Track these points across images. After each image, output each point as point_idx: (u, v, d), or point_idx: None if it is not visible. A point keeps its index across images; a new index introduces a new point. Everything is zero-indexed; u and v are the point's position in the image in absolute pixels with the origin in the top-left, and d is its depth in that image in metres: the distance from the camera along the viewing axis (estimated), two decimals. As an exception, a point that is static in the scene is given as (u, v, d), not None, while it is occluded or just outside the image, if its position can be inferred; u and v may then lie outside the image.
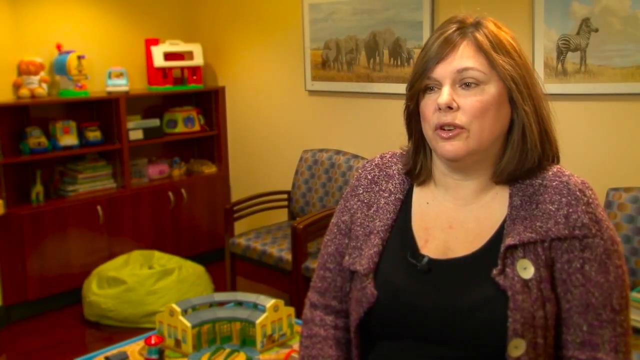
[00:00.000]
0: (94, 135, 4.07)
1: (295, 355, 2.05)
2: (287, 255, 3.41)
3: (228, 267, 3.83)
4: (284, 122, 4.38)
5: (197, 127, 4.59)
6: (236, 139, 4.74)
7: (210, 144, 4.78)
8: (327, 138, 4.08)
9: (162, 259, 3.89)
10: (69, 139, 3.95)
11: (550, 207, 1.12)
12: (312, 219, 3.34)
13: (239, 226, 4.00)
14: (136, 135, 4.24)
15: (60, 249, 3.86)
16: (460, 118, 1.12)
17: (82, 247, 3.95)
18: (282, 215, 4.16)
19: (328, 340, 1.28)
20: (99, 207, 3.98)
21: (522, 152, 1.15)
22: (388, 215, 1.23)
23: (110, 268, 3.72)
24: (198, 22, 4.82)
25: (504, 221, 1.15)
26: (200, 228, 4.55)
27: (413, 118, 1.22)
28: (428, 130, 1.16)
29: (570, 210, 1.11)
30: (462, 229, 1.18)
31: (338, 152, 3.85)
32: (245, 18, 4.51)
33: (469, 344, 1.10)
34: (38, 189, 3.89)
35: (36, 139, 3.84)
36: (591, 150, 2.99)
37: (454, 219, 1.19)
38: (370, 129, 3.86)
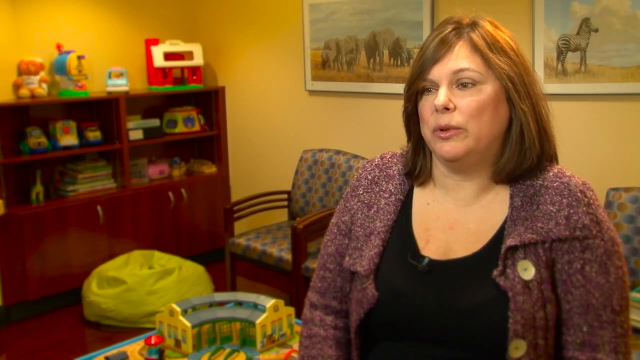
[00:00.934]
0: (94, 135, 4.07)
1: (295, 355, 2.05)
2: (287, 255, 3.41)
3: (228, 267, 3.83)
4: (284, 122, 4.38)
5: (197, 127, 4.59)
6: (236, 139, 4.74)
7: (210, 144, 4.78)
8: (327, 138, 4.08)
9: (162, 259, 3.89)
10: (69, 139, 3.95)
11: (551, 208, 1.12)
12: (312, 219, 3.34)
13: (239, 226, 4.00)
14: (136, 135, 4.24)
15: (60, 249, 3.85)
16: (457, 119, 1.11)
17: (82, 247, 3.94)
18: (282, 215, 4.16)
19: (328, 340, 1.28)
20: (99, 207, 3.98)
21: (520, 151, 1.14)
22: (388, 216, 1.23)
23: (110, 268, 3.72)
24: (198, 22, 4.82)
25: (505, 222, 1.15)
26: (200, 228, 4.55)
27: (411, 119, 1.22)
28: (427, 132, 1.16)
29: (571, 211, 1.11)
30: (462, 229, 1.18)
31: (338, 152, 3.85)
32: (245, 18, 4.50)
33: (469, 345, 1.10)
34: (38, 189, 3.88)
35: (36, 139, 3.84)
36: (591, 150, 2.99)
37: (455, 219, 1.19)
38: (370, 129, 3.86)
